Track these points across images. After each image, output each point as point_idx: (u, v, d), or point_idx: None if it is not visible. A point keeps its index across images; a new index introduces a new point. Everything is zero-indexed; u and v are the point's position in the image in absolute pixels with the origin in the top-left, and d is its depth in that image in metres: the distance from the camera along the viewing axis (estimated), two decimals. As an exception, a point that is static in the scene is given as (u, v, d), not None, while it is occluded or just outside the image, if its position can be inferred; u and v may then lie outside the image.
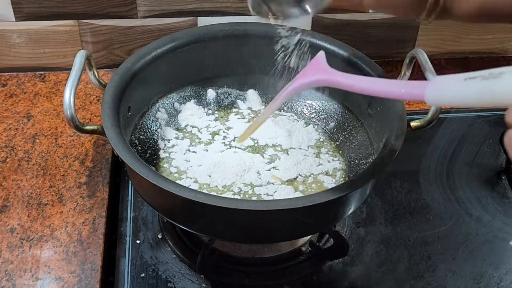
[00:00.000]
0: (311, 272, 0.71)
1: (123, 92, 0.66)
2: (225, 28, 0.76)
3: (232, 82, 0.81)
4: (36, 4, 0.88)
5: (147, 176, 0.56)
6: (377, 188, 0.81)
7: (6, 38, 0.91)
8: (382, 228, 0.76)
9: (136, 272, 0.70)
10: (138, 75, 0.70)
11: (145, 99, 0.75)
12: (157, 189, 0.56)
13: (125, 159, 0.58)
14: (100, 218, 0.73)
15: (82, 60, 0.63)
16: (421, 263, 0.72)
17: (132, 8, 0.90)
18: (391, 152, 0.61)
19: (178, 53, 0.74)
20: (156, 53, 0.72)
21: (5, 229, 0.71)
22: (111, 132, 0.60)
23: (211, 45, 0.76)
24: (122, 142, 0.60)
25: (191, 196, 0.55)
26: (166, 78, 0.76)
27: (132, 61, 0.70)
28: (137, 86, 0.70)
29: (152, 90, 0.75)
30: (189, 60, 0.76)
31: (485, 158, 0.87)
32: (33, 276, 0.66)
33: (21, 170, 0.78)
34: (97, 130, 0.61)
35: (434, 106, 0.58)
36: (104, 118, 0.62)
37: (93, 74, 0.67)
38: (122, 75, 0.68)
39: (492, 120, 0.93)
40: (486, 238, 0.76)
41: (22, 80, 0.93)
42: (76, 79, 0.61)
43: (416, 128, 0.65)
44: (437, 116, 0.63)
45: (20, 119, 0.86)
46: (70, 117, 0.59)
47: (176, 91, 0.78)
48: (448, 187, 0.82)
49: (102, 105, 0.63)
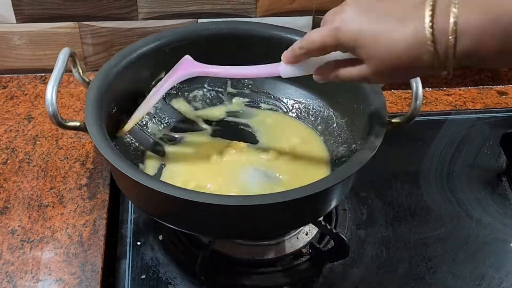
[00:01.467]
0: (312, 273, 0.71)
1: (107, 90, 0.67)
2: (210, 27, 0.77)
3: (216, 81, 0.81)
4: (37, 6, 0.88)
5: (126, 171, 0.57)
6: (377, 190, 0.81)
7: (7, 40, 0.91)
8: (382, 229, 0.76)
9: (136, 273, 0.70)
10: (122, 73, 0.70)
11: (130, 97, 0.75)
12: (134, 183, 0.56)
13: (106, 155, 0.59)
14: (100, 219, 0.73)
15: (65, 57, 0.64)
16: (421, 265, 0.72)
17: (133, 10, 0.90)
18: (370, 148, 0.62)
19: (163, 52, 0.74)
20: (141, 51, 0.73)
21: (6, 230, 0.71)
22: (92, 128, 0.61)
23: (196, 44, 0.76)
24: (103, 138, 0.60)
25: (168, 191, 0.56)
26: (151, 76, 0.76)
27: (117, 59, 0.71)
28: (122, 84, 0.70)
29: (137, 87, 0.75)
30: (174, 59, 0.76)
31: (486, 160, 0.87)
32: (33, 277, 0.66)
33: (22, 172, 0.78)
34: (79, 126, 0.62)
35: (286, 77, 0.63)
36: (87, 115, 0.62)
37: (77, 71, 0.67)
38: (106, 73, 0.68)
39: (492, 122, 0.93)
40: (487, 240, 0.76)
41: (23, 82, 0.93)
42: (58, 76, 0.61)
43: (397, 124, 0.66)
44: (417, 113, 0.64)
45: (21, 121, 0.86)
46: (52, 113, 0.60)
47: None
48: (448, 189, 0.82)
49: (86, 102, 0.64)
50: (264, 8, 0.92)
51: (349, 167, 0.60)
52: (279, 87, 0.81)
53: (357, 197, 0.80)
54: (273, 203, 0.56)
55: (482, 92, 1.00)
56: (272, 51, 0.77)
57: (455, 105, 0.97)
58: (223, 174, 0.71)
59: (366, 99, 0.68)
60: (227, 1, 0.90)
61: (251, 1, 0.91)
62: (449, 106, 0.97)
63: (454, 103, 0.97)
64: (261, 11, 0.92)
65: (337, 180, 0.59)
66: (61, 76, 0.62)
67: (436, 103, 0.98)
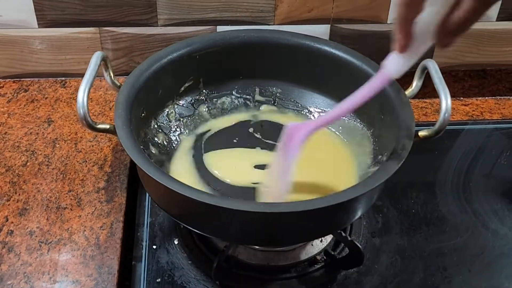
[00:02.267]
0: (326, 281, 0.71)
1: (137, 94, 0.68)
2: (240, 35, 0.78)
3: (244, 88, 0.82)
4: (59, 11, 0.89)
5: (154, 175, 0.58)
6: (393, 199, 0.81)
7: (28, 44, 0.92)
8: (397, 238, 0.76)
9: (152, 277, 0.70)
10: (153, 77, 0.71)
11: (159, 102, 0.76)
12: (162, 187, 0.57)
13: (133, 157, 0.59)
14: (117, 222, 0.74)
15: (97, 61, 0.65)
16: (436, 275, 0.72)
17: (153, 16, 0.91)
18: (397, 160, 0.61)
19: (193, 58, 0.75)
20: (172, 56, 0.74)
21: (24, 232, 0.72)
22: (121, 131, 0.62)
23: (226, 51, 0.77)
24: (132, 141, 0.61)
25: (193, 196, 0.56)
26: (180, 82, 0.77)
27: (148, 63, 0.72)
28: (152, 88, 0.71)
29: (167, 92, 0.76)
30: (203, 65, 0.77)
31: (502, 171, 0.87)
32: (51, 278, 0.67)
33: (41, 174, 0.79)
34: (109, 129, 0.63)
35: (400, 74, 0.61)
36: (116, 118, 0.63)
37: (108, 75, 0.68)
38: (137, 77, 0.69)
39: (510, 133, 0.93)
40: (503, 250, 0.75)
41: (43, 86, 0.95)
42: (90, 79, 0.62)
43: (424, 137, 0.65)
44: (445, 126, 0.63)
45: (41, 124, 0.87)
46: (83, 116, 0.61)
47: (191, 95, 0.80)
48: (464, 199, 0.82)
49: (115, 105, 0.65)
50: (282, 16, 0.93)
51: (375, 178, 0.60)
52: (306, 96, 0.81)
53: (372, 206, 0.79)
54: (296, 211, 0.56)
55: (500, 103, 1.00)
56: (299, 60, 0.78)
57: (472, 115, 0.97)
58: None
59: (393, 110, 0.68)
60: (246, 9, 0.91)
61: (269, 9, 0.92)
62: (466, 116, 0.96)
63: (471, 113, 0.97)
64: (279, 19, 0.93)
65: (363, 190, 0.58)
66: (92, 79, 0.63)
67: (453, 113, 0.97)
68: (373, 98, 0.70)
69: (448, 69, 0.99)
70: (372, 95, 0.60)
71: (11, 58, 0.94)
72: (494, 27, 0.96)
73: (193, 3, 0.90)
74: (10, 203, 0.75)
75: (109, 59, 0.67)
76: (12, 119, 0.88)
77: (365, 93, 0.61)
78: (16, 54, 0.93)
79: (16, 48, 0.93)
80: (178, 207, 0.64)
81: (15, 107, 0.90)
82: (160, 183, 0.57)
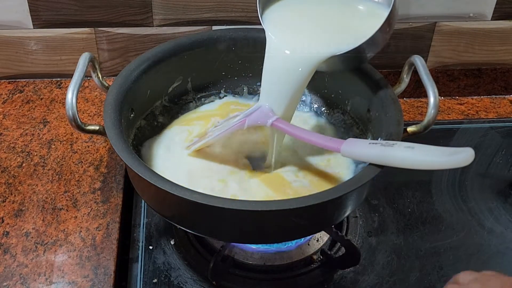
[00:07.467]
0: (322, 280, 0.71)
1: (125, 94, 0.68)
2: (228, 34, 0.78)
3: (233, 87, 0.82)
4: (54, 12, 0.89)
5: (143, 174, 0.57)
6: (389, 198, 0.81)
7: (23, 45, 0.92)
8: (393, 237, 0.76)
9: (148, 277, 0.70)
10: (141, 78, 0.71)
11: (148, 102, 0.76)
12: (152, 186, 0.57)
13: (123, 158, 0.59)
14: (113, 223, 0.74)
15: (85, 62, 0.65)
16: (432, 274, 0.72)
17: (148, 16, 0.91)
18: None
19: (181, 57, 0.75)
20: (160, 56, 0.74)
21: (20, 233, 0.72)
22: (111, 132, 0.62)
23: (214, 50, 0.77)
24: (121, 142, 0.61)
25: (184, 195, 0.56)
26: (169, 81, 0.77)
27: (136, 64, 0.72)
28: (140, 89, 0.71)
29: (155, 92, 0.76)
30: (191, 64, 0.77)
31: (498, 169, 0.87)
32: (47, 280, 0.67)
33: (37, 175, 0.79)
34: (98, 130, 0.63)
35: (348, 158, 0.65)
36: (106, 119, 0.63)
37: (96, 76, 0.68)
38: (125, 77, 0.69)
39: (505, 132, 0.93)
40: (499, 249, 0.76)
41: (38, 87, 0.95)
42: (79, 80, 0.62)
43: (413, 133, 0.65)
44: (433, 121, 0.64)
45: (36, 125, 0.87)
46: (72, 117, 0.61)
47: (179, 95, 0.80)
48: (460, 198, 0.82)
49: (104, 106, 0.65)
50: (277, 16, 0.92)
51: (363, 175, 0.60)
52: None
53: (368, 205, 0.80)
54: (288, 208, 0.56)
55: (495, 102, 1.00)
56: None
57: (467, 114, 0.97)
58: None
59: (381, 106, 0.68)
60: (241, 9, 0.91)
61: (265, 8, 0.92)
62: (461, 115, 0.97)
63: (467, 112, 0.97)
64: (274, 19, 0.93)
65: (351, 187, 0.59)
66: (81, 80, 0.63)
67: (448, 112, 0.98)
68: (361, 96, 0.72)
69: (444, 69, 1.00)
70: (319, 146, 0.64)
71: (6, 59, 0.94)
72: (489, 26, 0.96)
73: (188, 3, 0.90)
74: (6, 204, 0.75)
75: (97, 60, 0.67)
76: (8, 120, 0.88)
77: (317, 141, 0.64)
78: (11, 55, 0.93)
79: (11, 49, 0.92)
80: (169, 207, 0.64)
81: (11, 108, 0.90)
82: (151, 182, 0.57)
